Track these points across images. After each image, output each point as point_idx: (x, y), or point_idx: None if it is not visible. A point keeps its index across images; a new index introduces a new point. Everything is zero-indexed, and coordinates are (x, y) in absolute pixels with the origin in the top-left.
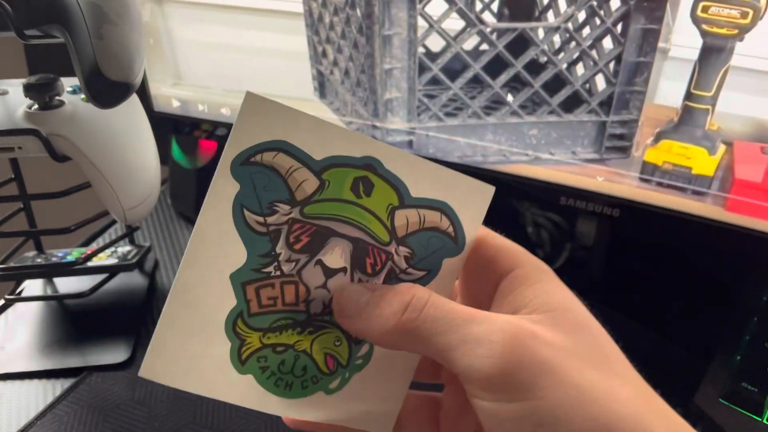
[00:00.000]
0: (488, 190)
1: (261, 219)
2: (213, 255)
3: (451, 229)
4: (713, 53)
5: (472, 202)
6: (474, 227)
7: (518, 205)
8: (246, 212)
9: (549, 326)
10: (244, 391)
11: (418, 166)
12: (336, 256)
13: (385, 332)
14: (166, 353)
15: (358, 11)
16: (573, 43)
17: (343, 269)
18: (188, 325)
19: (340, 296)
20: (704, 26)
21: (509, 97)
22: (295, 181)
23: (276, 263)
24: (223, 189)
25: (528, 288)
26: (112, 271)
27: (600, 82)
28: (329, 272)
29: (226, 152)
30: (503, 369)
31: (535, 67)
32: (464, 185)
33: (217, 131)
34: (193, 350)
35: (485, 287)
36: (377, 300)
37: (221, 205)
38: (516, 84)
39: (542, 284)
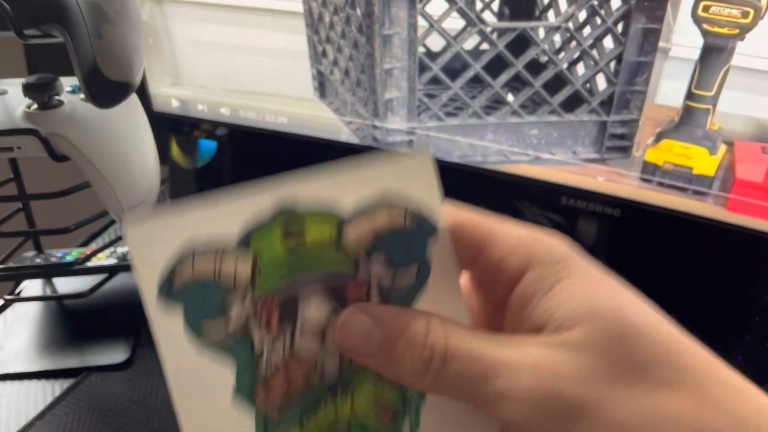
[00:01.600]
0: (421, 157)
1: (222, 327)
2: (202, 388)
3: (408, 216)
4: (714, 53)
5: (413, 177)
6: (433, 196)
7: (519, 205)
8: (203, 329)
9: (578, 351)
10: None
11: (334, 181)
12: (315, 312)
13: (413, 385)
14: None
15: (358, 11)
16: (573, 43)
17: (332, 321)
18: None
19: (342, 334)
20: (705, 26)
21: (510, 97)
22: (228, 275)
23: (266, 357)
24: (166, 324)
25: (545, 297)
26: (111, 271)
27: (601, 81)
28: (320, 332)
29: (145, 297)
30: (536, 422)
31: (535, 67)
32: (393, 168)
33: (217, 131)
34: None
35: (500, 293)
36: (395, 345)
37: (177, 343)
38: (516, 84)
39: (561, 287)
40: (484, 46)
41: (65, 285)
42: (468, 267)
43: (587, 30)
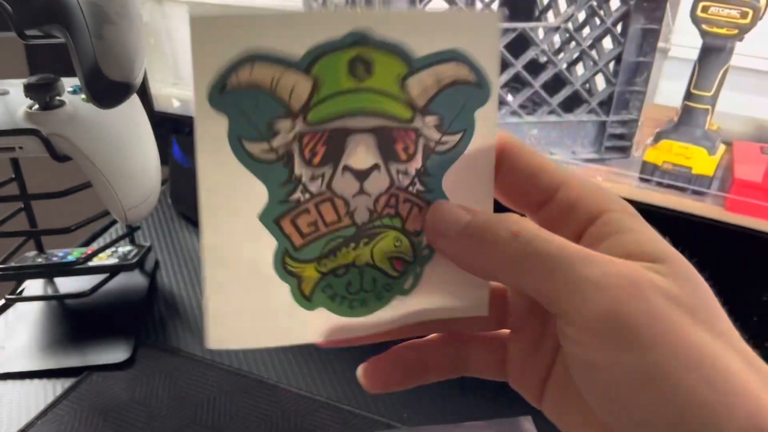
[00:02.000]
0: (492, 17)
1: (265, 146)
2: (231, 204)
3: (472, 76)
4: (713, 53)
5: (482, 37)
6: (492, 63)
7: None
8: (246, 144)
9: (664, 276)
10: (321, 326)
11: (413, 19)
12: (361, 155)
13: (489, 260)
14: (226, 319)
15: (358, 11)
16: (573, 43)
17: (375, 166)
18: (236, 283)
19: (434, 215)
20: (704, 26)
21: (509, 97)
22: (285, 89)
23: (301, 187)
24: (210, 129)
25: (625, 234)
26: (112, 270)
27: (600, 82)
28: (361, 175)
29: (196, 88)
30: (617, 316)
31: (534, 67)
32: (467, 20)
33: None
34: (253, 306)
35: (572, 230)
36: (480, 223)
37: (217, 146)
38: (516, 84)
39: (640, 230)
40: None
41: (66, 285)
42: (539, 207)
43: (586, 30)
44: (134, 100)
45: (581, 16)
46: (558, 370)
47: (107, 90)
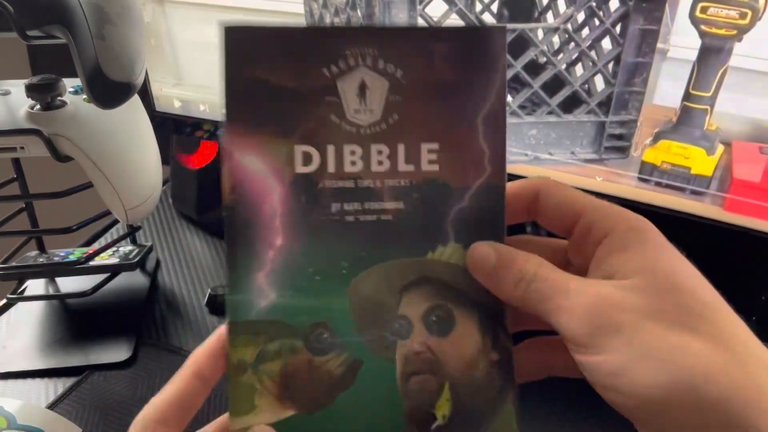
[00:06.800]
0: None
1: None
2: None
3: None
4: (712, 54)
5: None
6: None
7: None
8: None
9: (632, 291)
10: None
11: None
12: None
13: (507, 297)
14: None
15: (358, 12)
16: (572, 44)
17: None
18: None
19: (472, 254)
20: (703, 27)
21: (508, 98)
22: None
23: None
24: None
25: (619, 254)
26: (113, 270)
27: (599, 82)
28: None
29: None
30: (588, 332)
31: (534, 68)
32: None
33: (219, 131)
34: None
35: (589, 251)
36: (502, 266)
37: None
38: (515, 84)
39: (634, 248)
40: None
41: (68, 284)
42: (569, 232)
43: (586, 31)
44: (135, 100)
45: (580, 16)
46: None
47: (108, 90)
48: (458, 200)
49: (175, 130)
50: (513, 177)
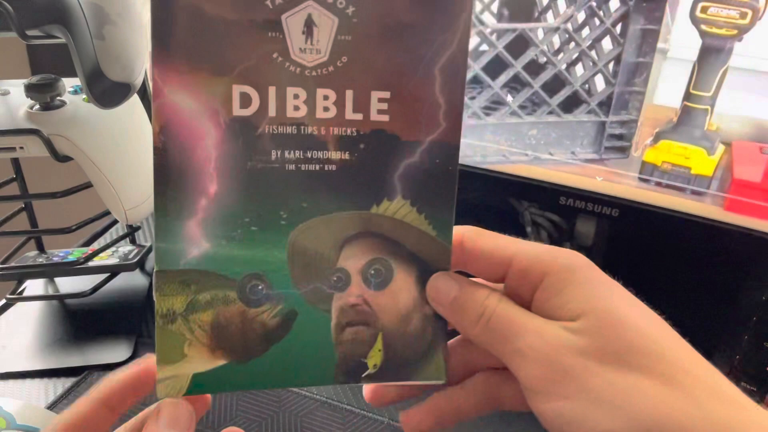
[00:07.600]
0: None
1: None
2: None
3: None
4: (712, 53)
5: None
6: None
7: (517, 204)
8: None
9: (579, 334)
10: None
11: None
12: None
13: (465, 333)
14: None
15: None
16: (572, 44)
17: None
18: None
19: (433, 285)
20: (703, 27)
21: (509, 98)
22: None
23: None
24: None
25: (558, 297)
26: (113, 270)
27: (599, 82)
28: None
29: None
30: (542, 377)
31: (534, 68)
32: None
33: None
34: None
35: (527, 295)
36: (463, 301)
37: None
38: (515, 84)
39: (571, 289)
40: (484, 47)
41: (67, 284)
42: (501, 279)
43: (586, 31)
44: (135, 100)
45: (581, 16)
46: None
47: (108, 90)
48: (409, 154)
49: None
50: (514, 177)
